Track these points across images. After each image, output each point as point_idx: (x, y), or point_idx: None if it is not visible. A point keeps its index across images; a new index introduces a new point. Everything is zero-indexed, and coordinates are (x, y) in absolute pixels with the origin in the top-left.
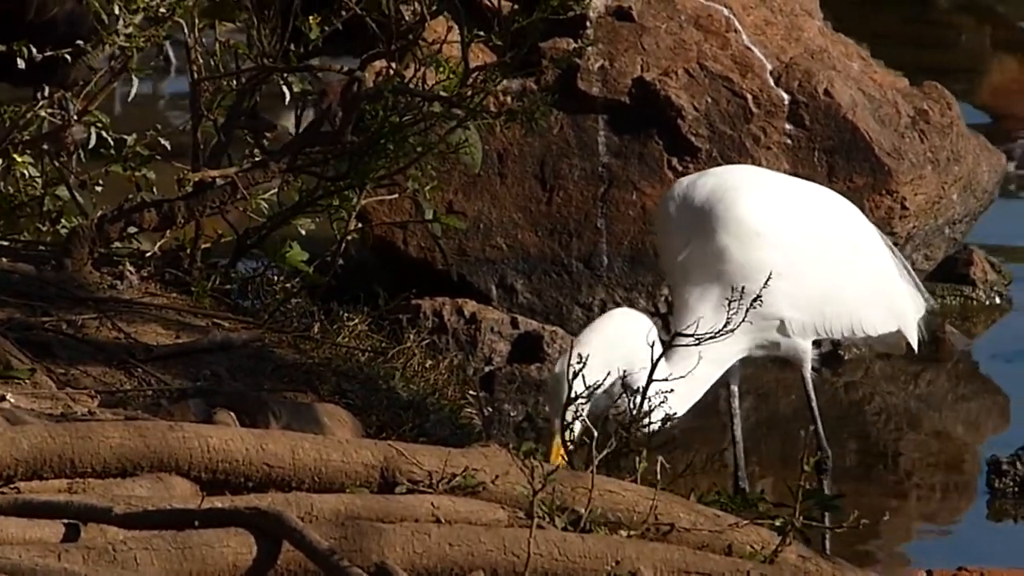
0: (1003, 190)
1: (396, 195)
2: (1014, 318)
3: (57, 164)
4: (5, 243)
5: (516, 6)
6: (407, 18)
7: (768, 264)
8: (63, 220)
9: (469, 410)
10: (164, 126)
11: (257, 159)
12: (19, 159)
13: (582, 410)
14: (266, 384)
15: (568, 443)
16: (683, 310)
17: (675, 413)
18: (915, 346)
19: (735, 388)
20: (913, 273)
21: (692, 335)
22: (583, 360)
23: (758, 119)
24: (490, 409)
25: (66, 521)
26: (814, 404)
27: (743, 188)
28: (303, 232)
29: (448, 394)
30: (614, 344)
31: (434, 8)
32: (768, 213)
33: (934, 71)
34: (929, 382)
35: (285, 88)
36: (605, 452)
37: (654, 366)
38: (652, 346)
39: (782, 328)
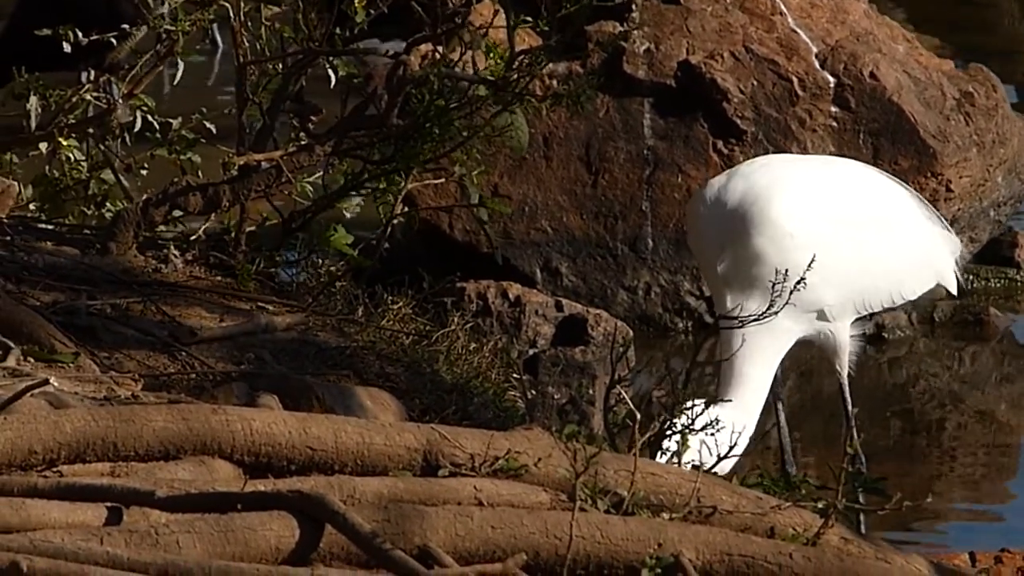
0: None
1: (442, 179)
2: None
3: (102, 148)
4: (50, 227)
5: None
6: (453, 2)
7: (804, 263)
8: (108, 204)
9: (513, 393)
10: (213, 108)
11: (302, 143)
12: (65, 143)
13: None
14: (310, 367)
15: None
16: (725, 320)
17: (744, 428)
18: (954, 291)
19: (777, 373)
20: (942, 219)
21: (736, 317)
22: None
23: (804, 102)
24: (534, 392)
25: (109, 504)
26: (850, 408)
27: (773, 188)
28: (348, 215)
29: (492, 377)
30: None
31: None
32: (800, 211)
33: (975, 52)
34: (973, 362)
35: (331, 72)
36: (648, 435)
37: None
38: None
39: (822, 315)
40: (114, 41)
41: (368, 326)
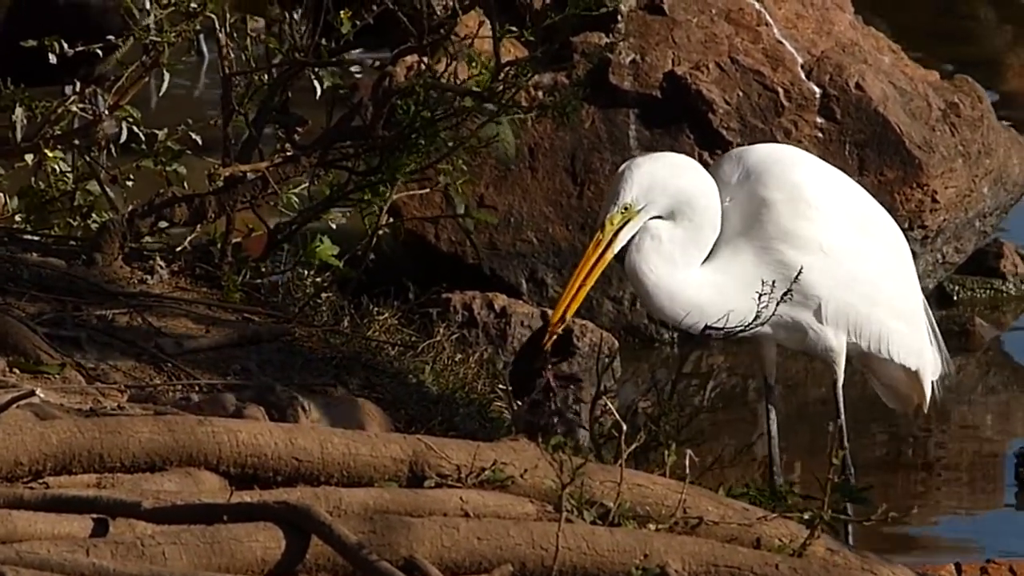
0: None
1: (428, 190)
2: None
3: (88, 159)
4: (36, 238)
5: (548, 1)
6: (439, 13)
7: (810, 237)
8: (94, 215)
9: (498, 404)
10: (199, 119)
11: (288, 154)
12: (50, 154)
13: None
14: (295, 378)
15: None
16: (715, 261)
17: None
18: (926, 406)
19: (772, 382)
20: (939, 336)
21: (723, 328)
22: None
23: (789, 112)
24: (519, 403)
25: (95, 516)
26: (843, 418)
27: (800, 157)
28: (334, 226)
29: (477, 388)
30: (663, 181)
31: (466, 3)
32: (823, 190)
33: (960, 64)
34: (958, 373)
35: (316, 83)
36: (634, 446)
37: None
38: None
39: (818, 313)
40: (100, 53)
41: (354, 337)
